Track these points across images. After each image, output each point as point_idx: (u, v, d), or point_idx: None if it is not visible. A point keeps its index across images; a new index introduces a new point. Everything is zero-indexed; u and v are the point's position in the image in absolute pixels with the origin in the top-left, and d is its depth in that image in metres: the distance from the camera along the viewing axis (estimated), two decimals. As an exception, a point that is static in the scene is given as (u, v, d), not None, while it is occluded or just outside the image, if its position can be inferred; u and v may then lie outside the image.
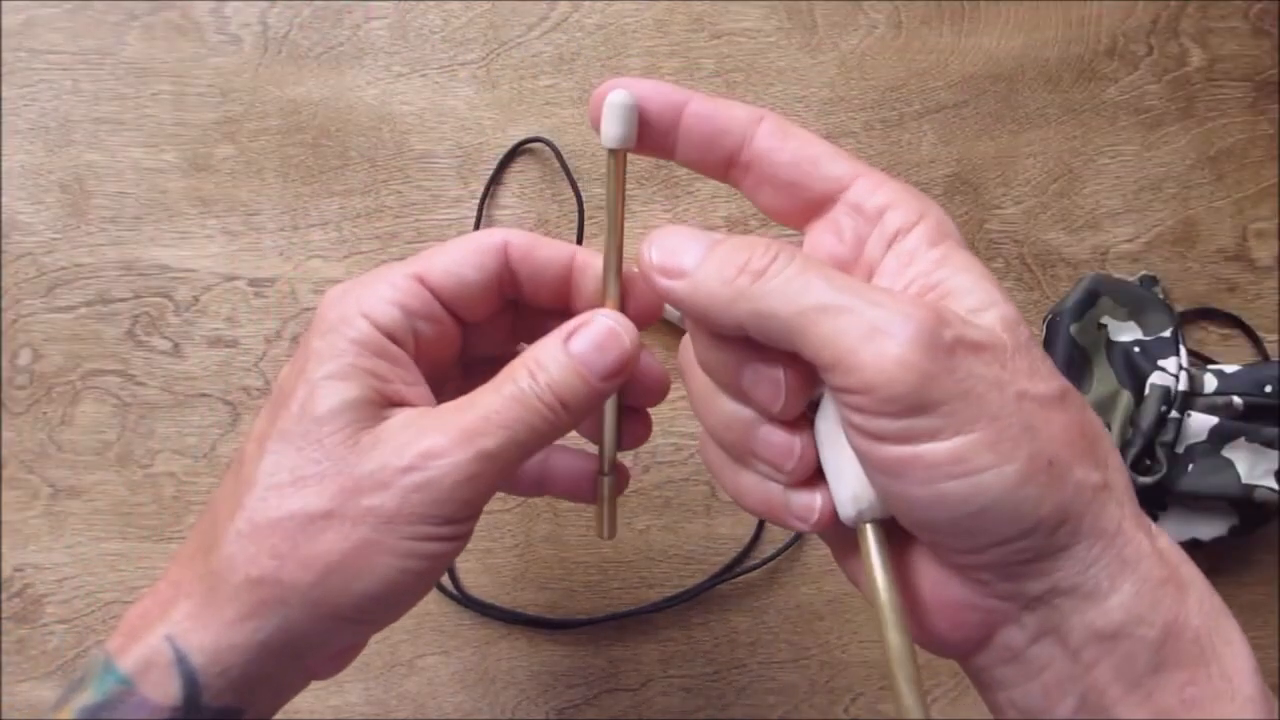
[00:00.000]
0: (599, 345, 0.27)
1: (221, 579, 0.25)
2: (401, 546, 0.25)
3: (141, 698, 0.25)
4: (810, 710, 0.47)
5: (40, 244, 0.48)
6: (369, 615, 0.26)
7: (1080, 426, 0.22)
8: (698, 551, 0.48)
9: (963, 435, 0.21)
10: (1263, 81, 0.50)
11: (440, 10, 0.49)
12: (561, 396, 0.27)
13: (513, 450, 0.26)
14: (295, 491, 0.26)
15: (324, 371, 0.26)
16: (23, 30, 0.48)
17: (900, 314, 0.21)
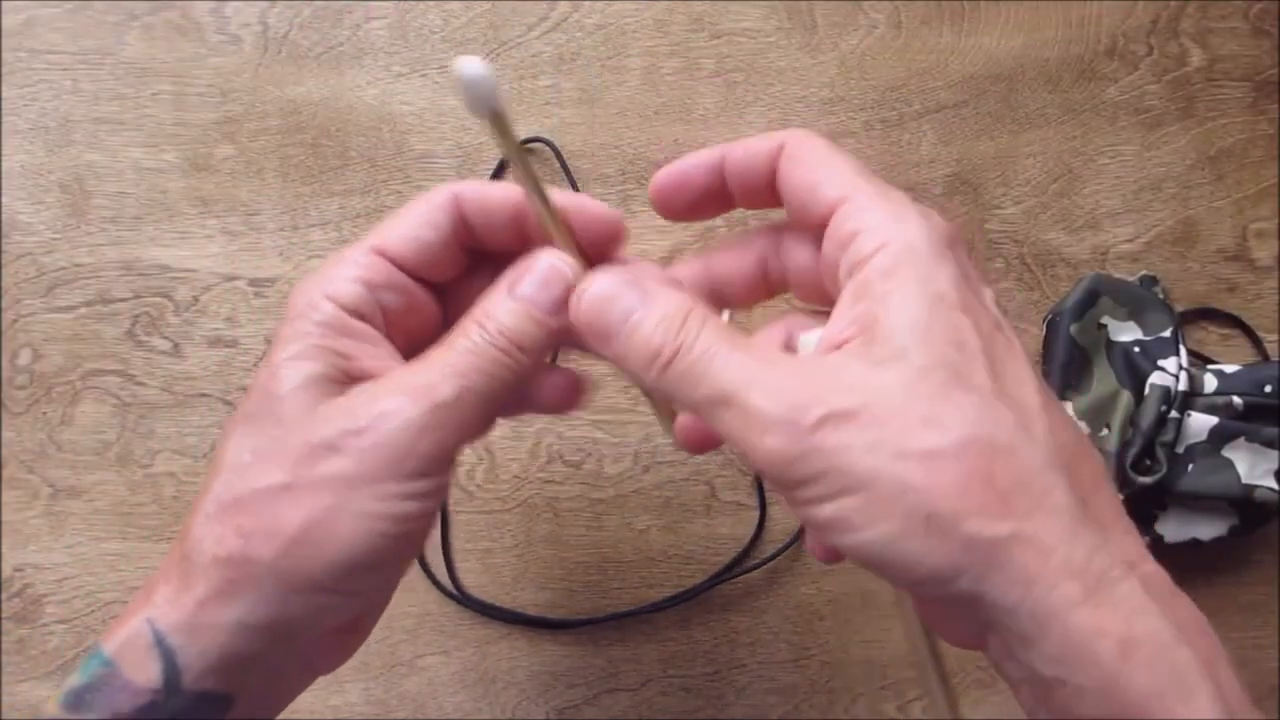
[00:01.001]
0: (543, 282, 0.27)
1: (193, 561, 0.26)
2: (367, 509, 0.25)
3: (124, 679, 0.25)
4: (810, 710, 0.47)
5: (40, 244, 0.48)
6: (346, 584, 0.26)
7: (984, 476, 0.22)
8: (698, 551, 0.48)
9: (838, 500, 0.22)
10: (1263, 81, 0.50)
11: (440, 10, 0.49)
12: (514, 339, 0.27)
13: (470, 399, 0.26)
14: (256, 468, 0.26)
15: (287, 354, 0.27)
16: (23, 30, 0.48)
17: (771, 399, 0.23)
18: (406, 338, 0.29)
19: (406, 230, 0.29)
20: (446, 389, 0.26)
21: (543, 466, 0.48)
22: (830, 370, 0.23)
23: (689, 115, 0.49)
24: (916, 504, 0.22)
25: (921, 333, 0.23)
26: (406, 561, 0.28)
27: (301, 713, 0.46)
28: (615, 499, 0.48)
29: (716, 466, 0.48)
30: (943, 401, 0.22)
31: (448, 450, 0.26)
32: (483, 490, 0.48)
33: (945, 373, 0.22)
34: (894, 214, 0.25)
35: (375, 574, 0.26)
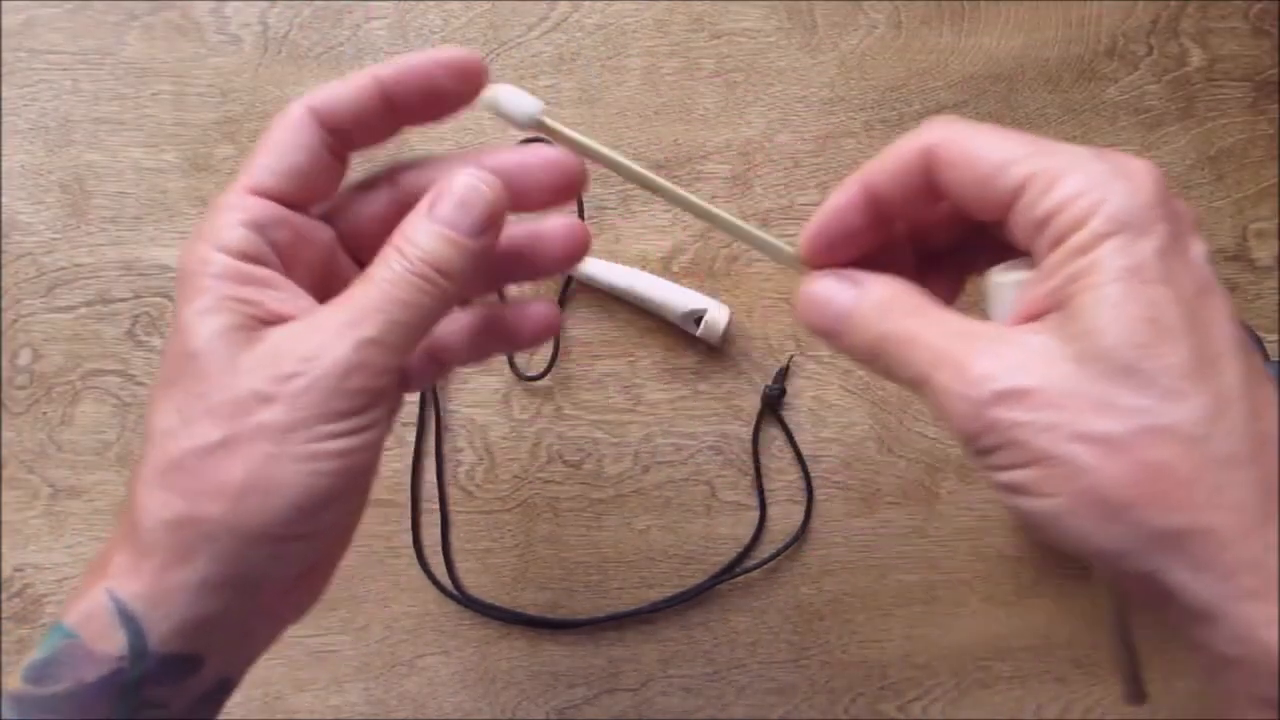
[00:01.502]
0: (460, 203, 0.27)
1: (143, 528, 0.25)
2: (305, 451, 0.25)
3: (87, 649, 0.25)
4: (810, 710, 0.47)
5: (40, 244, 0.48)
6: (298, 529, 0.26)
7: (1159, 467, 0.22)
8: (698, 551, 0.48)
9: (1013, 472, 0.23)
10: (1263, 81, 0.50)
11: (440, 10, 0.49)
12: (436, 264, 0.26)
13: (397, 330, 0.26)
14: (188, 429, 0.25)
15: (191, 310, 0.26)
16: (23, 30, 0.48)
17: (954, 377, 0.24)
18: (306, 270, 0.29)
19: (274, 161, 0.28)
20: (370, 324, 0.26)
21: (543, 466, 0.48)
22: (1014, 346, 0.24)
23: (689, 115, 0.49)
24: (1089, 485, 0.22)
25: (1111, 310, 0.22)
26: (356, 499, 0.28)
27: (302, 713, 0.46)
28: (615, 499, 0.48)
29: (716, 466, 0.48)
30: (1124, 386, 0.22)
31: (379, 383, 0.26)
32: (483, 490, 0.48)
33: (1132, 353, 0.22)
34: (1094, 181, 0.23)
35: (325, 514, 0.26)
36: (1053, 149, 0.25)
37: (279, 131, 0.28)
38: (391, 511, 0.48)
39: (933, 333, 0.25)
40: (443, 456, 0.48)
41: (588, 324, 0.48)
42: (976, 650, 0.48)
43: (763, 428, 0.48)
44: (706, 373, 0.48)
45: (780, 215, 0.48)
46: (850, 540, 0.48)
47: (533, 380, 0.48)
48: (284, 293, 0.27)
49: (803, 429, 0.48)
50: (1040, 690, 0.48)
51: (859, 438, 0.48)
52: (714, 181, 0.48)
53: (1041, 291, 0.24)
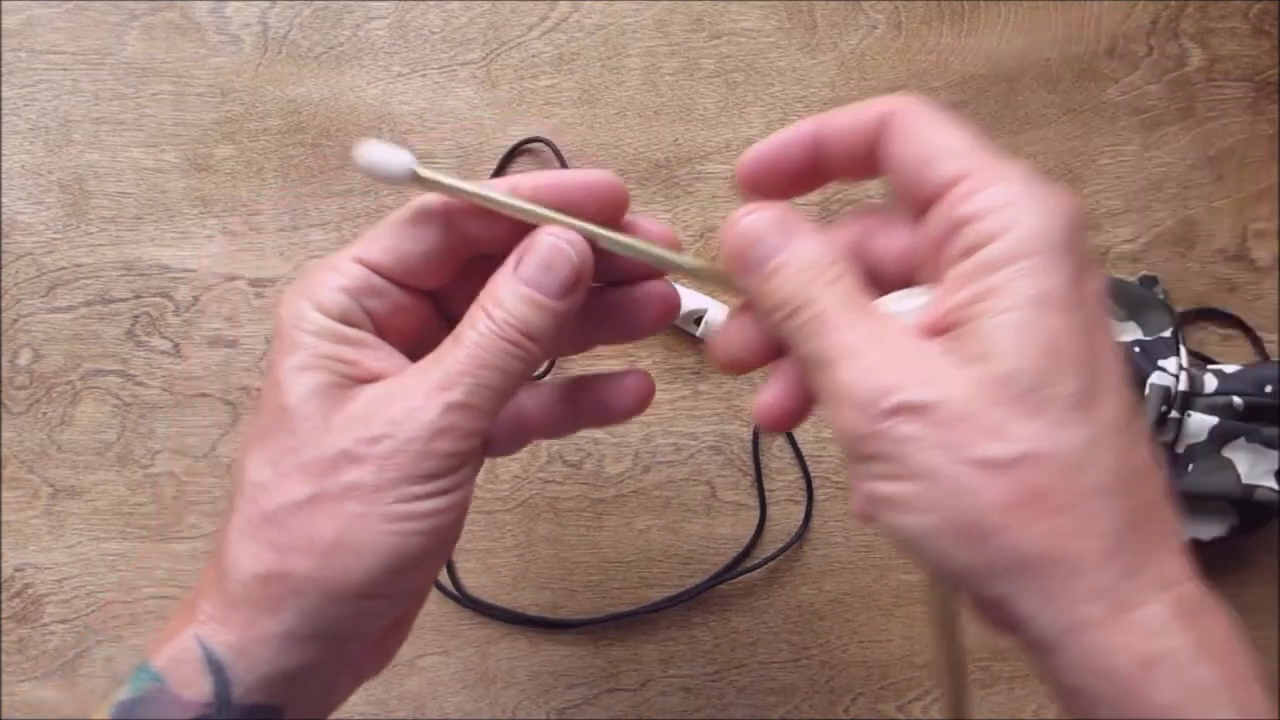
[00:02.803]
0: (545, 265, 0.27)
1: (231, 579, 0.26)
2: (392, 512, 0.25)
3: (173, 694, 0.25)
4: (810, 710, 0.47)
5: (40, 244, 0.48)
6: (384, 588, 0.26)
7: (1035, 493, 0.22)
8: (698, 551, 0.48)
9: (890, 484, 0.23)
10: (1263, 81, 0.50)
11: (440, 10, 0.49)
12: (521, 328, 0.27)
13: (484, 394, 0.26)
14: (279, 484, 0.26)
15: (288, 366, 0.27)
16: (23, 30, 0.48)
17: (857, 376, 0.24)
18: (401, 338, 0.29)
19: (388, 243, 0.28)
20: (460, 388, 0.26)
21: (543, 466, 0.48)
22: (918, 359, 0.23)
23: (689, 115, 0.49)
24: (964, 507, 0.22)
25: (1014, 335, 0.22)
26: (440, 558, 0.28)
27: (301, 713, 0.46)
28: (615, 499, 0.48)
29: (716, 467, 0.48)
30: (1016, 411, 0.22)
31: (466, 446, 0.26)
32: (483, 490, 0.48)
33: (1029, 380, 0.22)
34: (1015, 198, 0.24)
35: (411, 574, 0.26)
36: (993, 158, 0.25)
37: (404, 214, 0.28)
38: (391, 511, 0.48)
39: (847, 319, 0.24)
40: (443, 456, 0.48)
41: (588, 324, 0.48)
42: (976, 650, 0.48)
43: (763, 428, 0.48)
44: (706, 373, 0.48)
45: (780, 215, 0.48)
46: (850, 540, 0.48)
47: (533, 380, 0.48)
48: (380, 352, 0.28)
49: (803, 429, 0.48)
50: (1040, 690, 0.48)
51: (859, 438, 0.48)
52: (714, 181, 0.48)
53: (945, 307, 0.24)
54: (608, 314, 0.31)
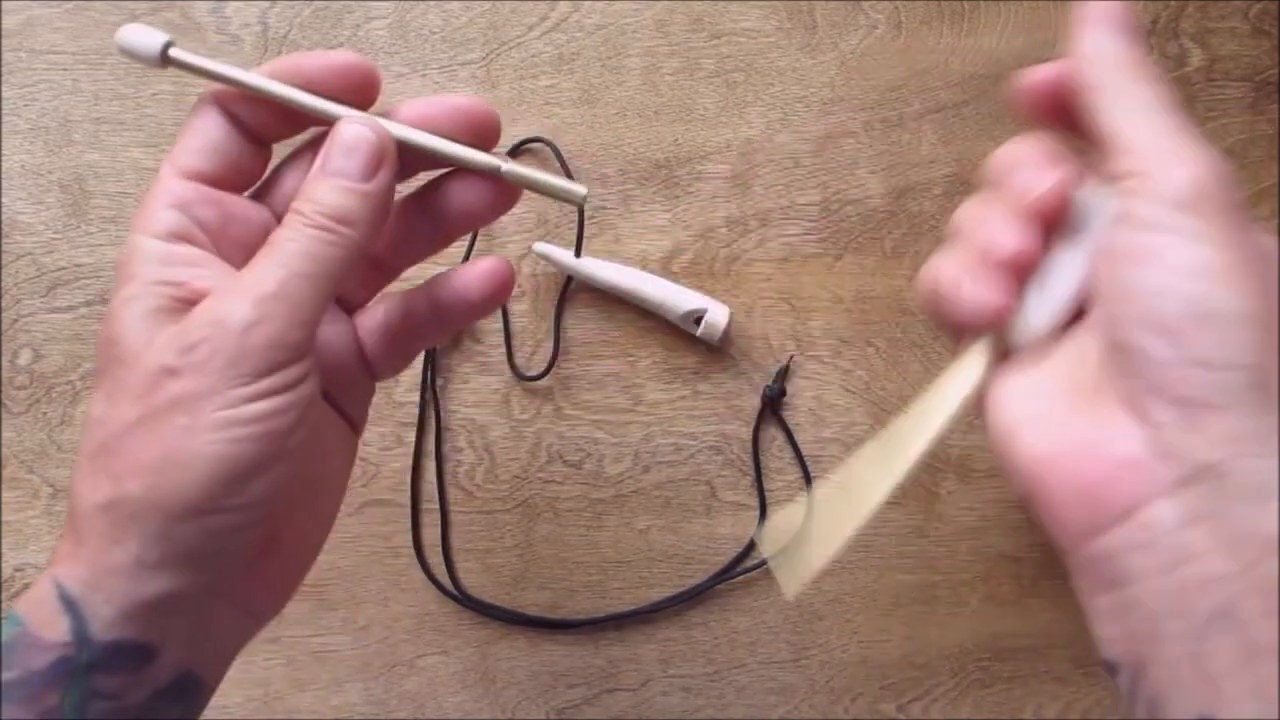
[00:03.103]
0: (345, 150, 0.27)
1: (79, 515, 0.26)
2: (216, 420, 0.25)
3: (33, 635, 0.25)
4: (810, 710, 0.47)
5: (40, 244, 0.48)
6: (224, 501, 0.25)
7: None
8: (698, 551, 0.48)
9: (1214, 250, 0.23)
10: (1263, 81, 0.50)
11: (440, 10, 0.49)
12: (332, 214, 0.26)
13: (298, 284, 0.26)
14: (110, 413, 0.26)
15: (119, 299, 0.27)
16: (23, 30, 0.48)
17: (1212, 156, 0.24)
18: (242, 250, 0.29)
19: (194, 143, 0.28)
20: (269, 281, 0.26)
21: (543, 466, 0.48)
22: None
23: (689, 115, 0.49)
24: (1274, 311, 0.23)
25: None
26: (286, 467, 0.26)
27: (302, 713, 0.46)
28: (615, 499, 0.48)
29: (716, 467, 0.48)
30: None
31: (287, 341, 0.26)
32: (483, 490, 0.48)
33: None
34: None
35: (251, 486, 0.26)
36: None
37: (196, 118, 0.29)
38: (391, 511, 0.48)
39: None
40: (443, 456, 0.48)
41: (588, 324, 0.48)
42: (976, 650, 0.48)
43: (763, 428, 0.48)
44: (706, 373, 0.48)
45: (780, 215, 0.48)
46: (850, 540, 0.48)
47: (533, 380, 0.48)
48: (212, 270, 0.27)
49: (803, 429, 0.48)
50: (1040, 690, 0.48)
51: (859, 438, 0.48)
52: (714, 181, 0.48)
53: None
54: (444, 206, 0.31)
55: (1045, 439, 0.26)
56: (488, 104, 0.30)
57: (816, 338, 0.48)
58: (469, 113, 0.29)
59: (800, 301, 0.48)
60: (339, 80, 0.28)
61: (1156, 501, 0.23)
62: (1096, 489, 0.24)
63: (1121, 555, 0.23)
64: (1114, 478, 0.24)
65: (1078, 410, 0.25)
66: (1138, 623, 0.23)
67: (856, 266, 0.48)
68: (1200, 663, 0.22)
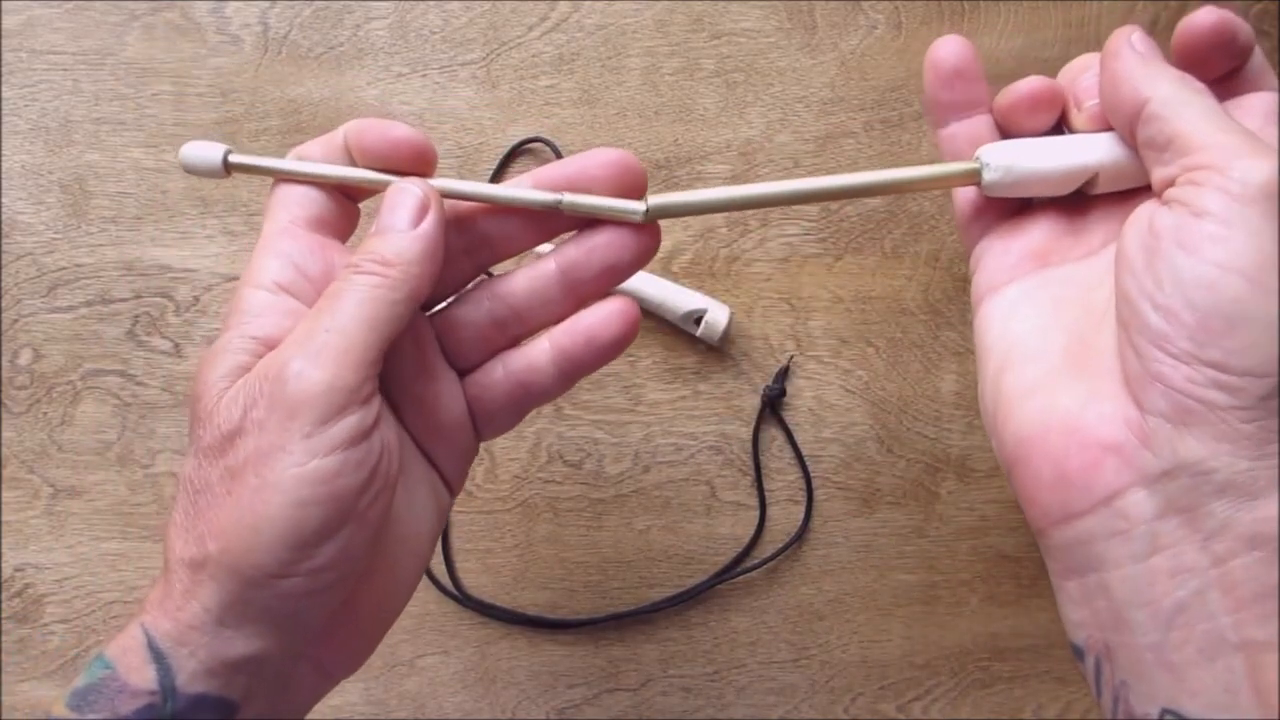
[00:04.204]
0: (390, 207, 0.28)
1: (170, 569, 0.26)
2: (286, 479, 0.24)
3: (122, 681, 0.25)
4: (810, 710, 0.47)
5: (40, 244, 0.48)
6: (297, 565, 0.25)
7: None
8: (698, 551, 0.48)
9: (1270, 250, 0.22)
10: (1263, 81, 0.50)
11: (440, 10, 0.49)
12: (380, 259, 0.27)
13: (350, 327, 0.26)
14: (197, 472, 0.26)
15: (208, 354, 0.27)
16: (23, 30, 0.48)
17: (1269, 147, 0.23)
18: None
19: (301, 194, 0.29)
20: (317, 327, 0.26)
21: (543, 466, 0.48)
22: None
23: (689, 115, 0.49)
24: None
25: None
26: (358, 529, 0.26)
27: (302, 713, 0.46)
28: (615, 499, 0.48)
29: (716, 467, 0.48)
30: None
31: (342, 385, 0.25)
32: (483, 490, 0.48)
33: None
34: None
35: (323, 548, 0.25)
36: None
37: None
38: (391, 511, 0.48)
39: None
40: (443, 456, 0.48)
41: (588, 324, 0.48)
42: (976, 650, 0.48)
43: (763, 428, 0.48)
44: (706, 373, 0.48)
45: (780, 215, 0.49)
46: (850, 540, 0.48)
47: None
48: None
49: (803, 429, 0.48)
50: (1040, 690, 0.48)
51: (859, 438, 0.48)
52: (714, 181, 0.49)
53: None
54: (583, 263, 0.31)
55: (1035, 410, 0.26)
56: (631, 155, 0.30)
57: (816, 338, 0.48)
58: (618, 164, 0.30)
59: (800, 301, 0.48)
60: (395, 153, 0.29)
61: (1135, 490, 0.23)
62: (1078, 474, 0.24)
63: (1095, 541, 0.24)
64: (1096, 463, 0.24)
65: (1072, 371, 0.25)
66: (1105, 609, 0.24)
67: (856, 266, 0.48)
68: (1165, 653, 0.22)
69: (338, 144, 0.29)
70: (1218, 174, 0.23)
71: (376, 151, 0.29)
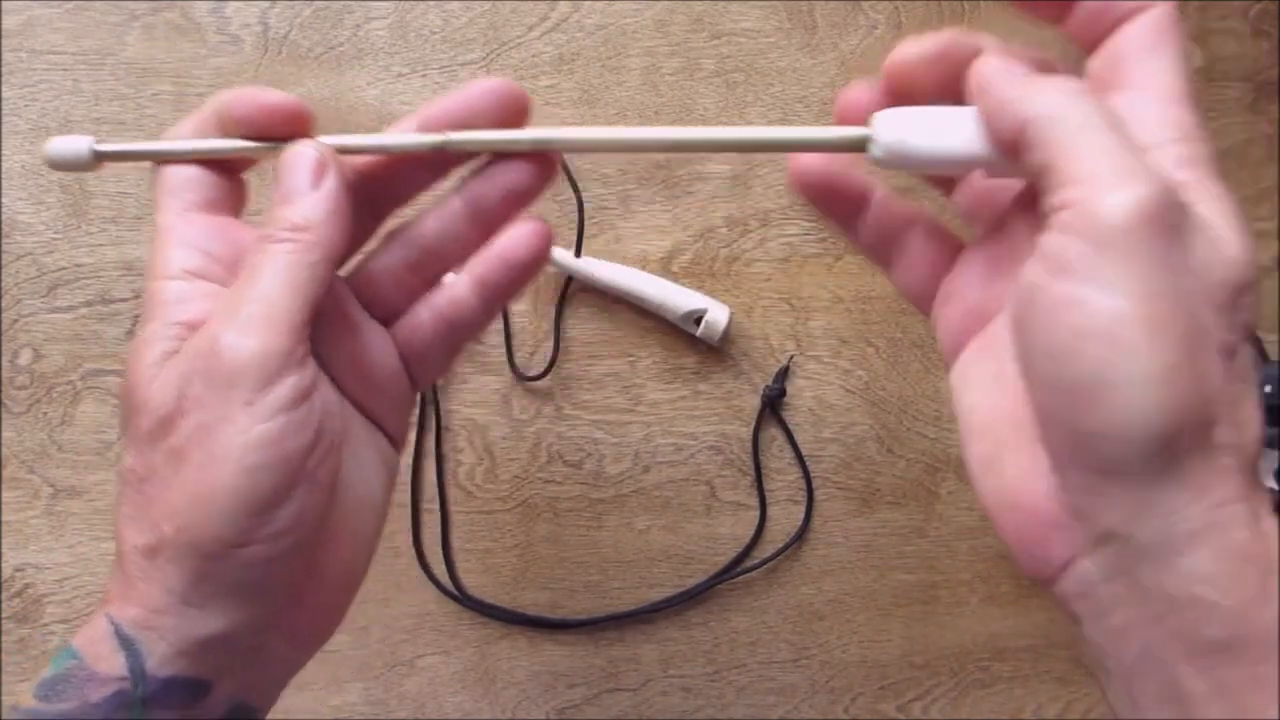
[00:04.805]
0: (288, 171, 0.28)
1: (125, 559, 0.26)
2: (232, 448, 0.25)
3: (90, 669, 0.25)
4: (810, 710, 0.47)
5: (40, 244, 0.48)
6: (250, 534, 0.25)
7: (1228, 382, 0.22)
8: (698, 551, 0.48)
9: (1128, 302, 0.21)
10: (1263, 82, 0.50)
11: (440, 10, 0.49)
12: (288, 225, 0.27)
13: (272, 292, 0.26)
14: (139, 460, 0.26)
15: (133, 349, 0.27)
16: (23, 30, 0.48)
17: (1157, 176, 0.22)
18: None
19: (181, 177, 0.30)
20: (239, 298, 0.26)
21: (543, 466, 0.48)
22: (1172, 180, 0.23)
23: (689, 115, 0.49)
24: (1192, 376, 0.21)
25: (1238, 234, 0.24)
26: (311, 490, 0.26)
27: (302, 713, 0.46)
28: (615, 499, 0.48)
29: (716, 467, 0.48)
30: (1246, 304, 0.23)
31: (274, 349, 0.25)
32: (483, 490, 0.48)
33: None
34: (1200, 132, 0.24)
35: (279, 512, 0.25)
36: None
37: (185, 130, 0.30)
38: (392, 511, 0.47)
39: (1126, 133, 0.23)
40: (443, 456, 0.48)
41: (588, 324, 0.48)
42: (976, 650, 0.48)
43: (763, 428, 0.48)
44: (706, 373, 0.48)
45: (780, 215, 0.48)
46: (850, 540, 0.48)
47: (533, 380, 0.48)
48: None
49: (803, 429, 0.48)
50: (1040, 690, 0.48)
51: (859, 438, 0.48)
52: (714, 181, 0.49)
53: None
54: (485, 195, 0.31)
55: (991, 487, 0.26)
56: (513, 83, 0.30)
57: (816, 338, 0.48)
58: (499, 92, 0.30)
59: (800, 301, 0.48)
60: (270, 119, 0.29)
61: (1082, 559, 0.24)
62: (1034, 547, 0.25)
63: (1069, 601, 0.24)
64: (1045, 538, 0.24)
65: (1014, 442, 0.25)
66: (1090, 657, 0.25)
67: (856, 266, 0.48)
68: (1133, 699, 0.23)
69: (209, 119, 0.29)
70: (1083, 212, 0.22)
71: (251, 120, 0.29)
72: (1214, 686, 0.22)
